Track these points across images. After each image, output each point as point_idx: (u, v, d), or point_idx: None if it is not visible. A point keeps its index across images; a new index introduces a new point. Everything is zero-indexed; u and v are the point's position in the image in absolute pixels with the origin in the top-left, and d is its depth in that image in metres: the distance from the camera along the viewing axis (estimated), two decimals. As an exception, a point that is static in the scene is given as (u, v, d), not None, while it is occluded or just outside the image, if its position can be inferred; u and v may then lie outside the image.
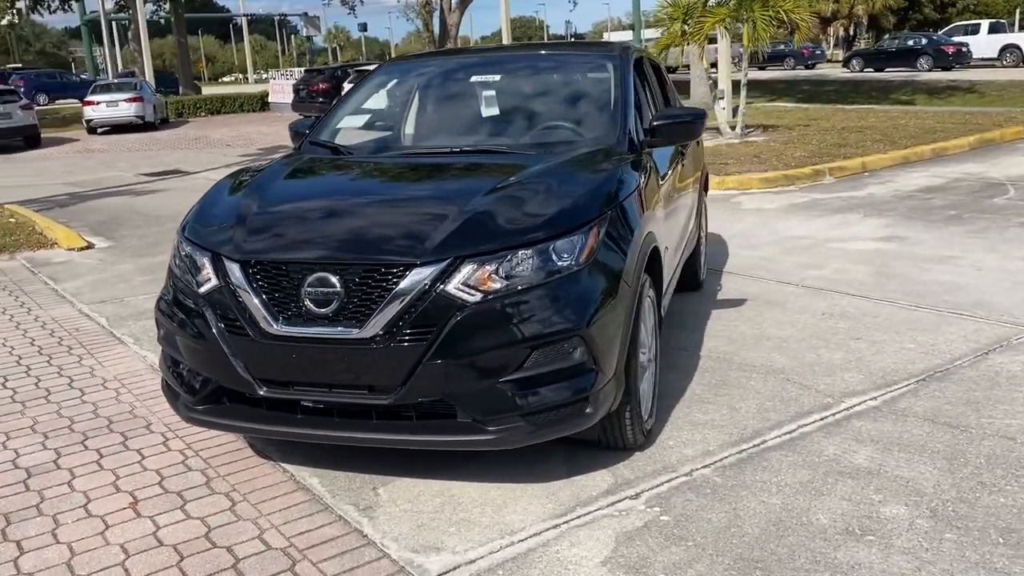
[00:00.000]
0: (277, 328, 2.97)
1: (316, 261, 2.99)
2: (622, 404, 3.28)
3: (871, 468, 3.35)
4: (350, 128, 4.52)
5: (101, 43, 40.01)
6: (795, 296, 5.79)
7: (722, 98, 14.36)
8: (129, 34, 33.35)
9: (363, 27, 67.37)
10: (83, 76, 37.67)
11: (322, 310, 2.94)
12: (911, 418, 3.80)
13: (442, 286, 2.87)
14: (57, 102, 39.47)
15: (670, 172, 4.42)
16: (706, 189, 6.38)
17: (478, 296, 2.88)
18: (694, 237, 5.56)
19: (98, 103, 24.48)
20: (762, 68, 44.58)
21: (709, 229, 8.10)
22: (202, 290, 3.15)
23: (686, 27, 13.46)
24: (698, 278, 5.94)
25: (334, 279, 2.93)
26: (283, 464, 3.57)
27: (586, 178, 3.38)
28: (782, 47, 42.41)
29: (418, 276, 2.88)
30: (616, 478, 3.35)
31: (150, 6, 34.29)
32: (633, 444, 3.48)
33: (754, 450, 3.55)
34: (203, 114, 29.58)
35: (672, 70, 38.25)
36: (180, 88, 33.62)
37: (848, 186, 10.14)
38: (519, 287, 2.92)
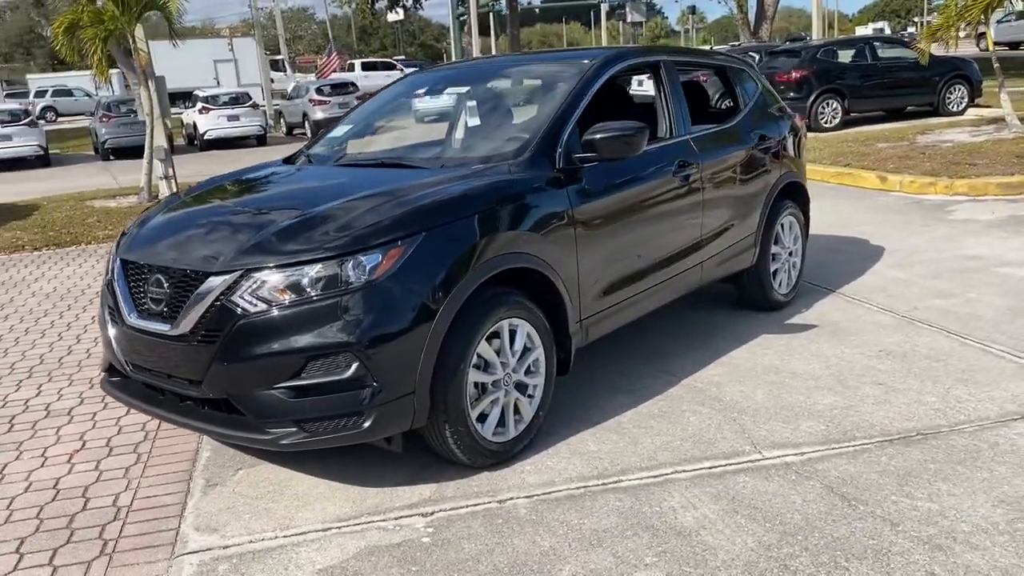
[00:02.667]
0: (131, 319, 3.47)
1: (155, 265, 3.43)
2: (439, 422, 3.30)
3: (686, 529, 3.03)
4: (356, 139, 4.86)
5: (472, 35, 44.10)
6: (875, 327, 5.09)
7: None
8: (466, 28, 36.26)
9: (691, 9, 67.86)
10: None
11: (157, 307, 3.37)
12: (811, 481, 3.31)
13: (230, 295, 3.15)
14: (417, 90, 44.39)
15: (632, 190, 4.16)
16: (800, 202, 5.75)
17: (260, 307, 3.11)
18: (742, 254, 5.12)
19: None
20: None
21: (877, 241, 7.26)
22: (105, 280, 3.75)
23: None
24: (768, 299, 5.44)
25: (165, 281, 3.35)
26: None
27: (421, 195, 3.41)
28: None
29: (211, 284, 3.18)
30: (435, 493, 3.38)
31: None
32: (471, 463, 3.47)
33: (598, 488, 3.36)
34: (523, 102, 31.42)
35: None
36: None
37: (1112, 197, 8.34)
38: (300, 300, 3.09)
